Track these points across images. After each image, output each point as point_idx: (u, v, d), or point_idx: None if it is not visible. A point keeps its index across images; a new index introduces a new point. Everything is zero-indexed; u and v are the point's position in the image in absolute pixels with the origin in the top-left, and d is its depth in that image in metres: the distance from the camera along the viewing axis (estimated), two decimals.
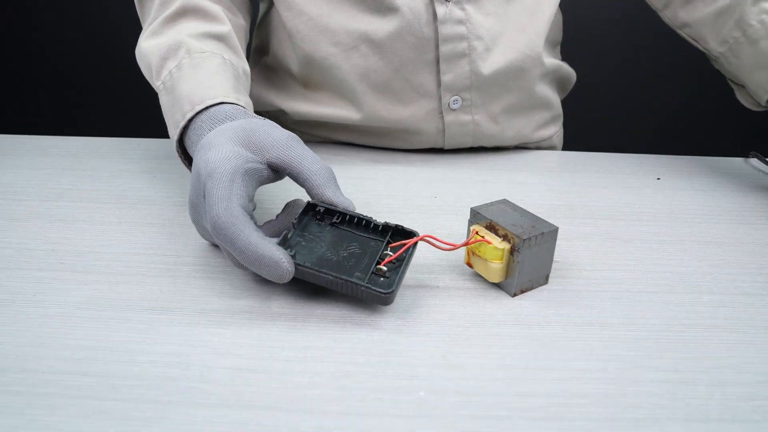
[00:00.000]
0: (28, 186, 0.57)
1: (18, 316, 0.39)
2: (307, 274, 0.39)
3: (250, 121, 0.45)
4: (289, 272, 0.38)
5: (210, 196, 0.39)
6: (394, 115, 0.64)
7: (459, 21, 0.60)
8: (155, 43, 0.54)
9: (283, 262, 0.37)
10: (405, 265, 0.40)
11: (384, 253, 0.41)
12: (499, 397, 0.33)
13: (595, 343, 0.37)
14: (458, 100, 0.63)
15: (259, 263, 0.37)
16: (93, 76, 1.70)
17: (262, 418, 0.31)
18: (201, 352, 0.36)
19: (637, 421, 0.32)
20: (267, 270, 0.38)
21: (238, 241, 0.38)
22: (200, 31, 0.54)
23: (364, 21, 0.60)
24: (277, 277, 0.38)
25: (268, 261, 0.37)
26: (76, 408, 0.32)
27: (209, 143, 0.43)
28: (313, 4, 0.61)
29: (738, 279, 0.44)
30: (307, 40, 0.62)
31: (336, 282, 0.38)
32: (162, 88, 0.52)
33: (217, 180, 0.39)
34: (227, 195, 0.39)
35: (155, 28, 0.55)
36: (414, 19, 0.59)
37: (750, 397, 0.33)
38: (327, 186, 0.43)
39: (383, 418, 0.32)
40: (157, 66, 0.53)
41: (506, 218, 0.41)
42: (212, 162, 0.40)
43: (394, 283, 0.39)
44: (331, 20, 0.61)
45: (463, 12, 0.60)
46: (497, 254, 0.40)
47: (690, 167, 0.65)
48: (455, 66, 0.61)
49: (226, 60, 0.53)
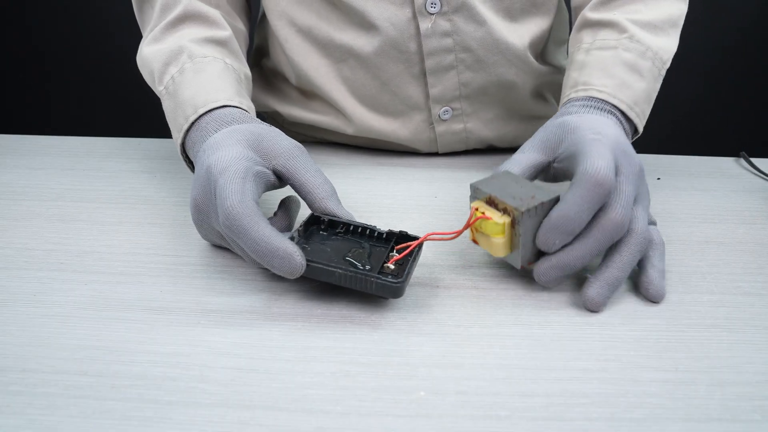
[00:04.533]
0: (28, 186, 0.57)
1: (18, 316, 0.39)
2: (316, 270, 0.38)
3: (258, 126, 0.45)
4: (302, 266, 0.38)
5: (223, 190, 0.39)
6: (385, 128, 0.64)
7: (445, 33, 0.58)
8: (157, 48, 0.54)
9: (297, 255, 0.37)
10: (413, 261, 0.40)
11: (390, 254, 0.41)
12: (499, 397, 0.33)
13: (595, 343, 0.37)
14: (449, 111, 0.63)
15: (272, 256, 0.37)
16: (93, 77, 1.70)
17: (262, 418, 0.31)
18: (201, 352, 0.36)
19: (637, 421, 0.32)
20: (279, 263, 0.37)
21: (252, 233, 0.38)
22: (201, 36, 0.54)
23: (350, 35, 0.60)
24: (289, 271, 0.38)
25: (282, 253, 0.37)
26: (76, 408, 0.32)
27: (217, 143, 0.43)
28: (303, 15, 0.61)
29: (738, 279, 0.44)
30: (295, 51, 0.62)
31: (345, 276, 0.38)
32: (164, 93, 0.52)
33: (230, 176, 0.40)
34: (241, 189, 0.39)
35: (156, 34, 0.56)
36: (398, 35, 0.58)
37: (750, 397, 0.33)
38: (329, 199, 0.43)
39: (383, 418, 0.32)
40: (160, 71, 0.53)
41: (506, 191, 0.41)
42: (224, 160, 0.41)
43: (404, 274, 0.39)
44: (321, 32, 0.61)
45: (449, 23, 0.58)
46: (498, 229, 0.39)
47: (690, 167, 0.65)
48: (443, 78, 0.61)
49: (228, 65, 0.53)
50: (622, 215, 0.39)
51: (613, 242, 0.41)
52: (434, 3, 0.57)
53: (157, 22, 0.57)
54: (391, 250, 0.42)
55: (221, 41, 0.55)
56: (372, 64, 0.60)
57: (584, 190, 0.39)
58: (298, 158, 0.44)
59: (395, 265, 0.40)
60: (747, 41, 1.54)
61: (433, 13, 0.57)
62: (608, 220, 0.39)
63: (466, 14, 0.58)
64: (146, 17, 0.59)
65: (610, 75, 0.51)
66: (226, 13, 0.60)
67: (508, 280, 0.44)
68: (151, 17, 0.58)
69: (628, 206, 0.40)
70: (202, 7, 0.56)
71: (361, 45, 0.60)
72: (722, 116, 1.68)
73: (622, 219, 0.39)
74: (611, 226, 0.39)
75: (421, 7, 0.57)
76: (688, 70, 1.62)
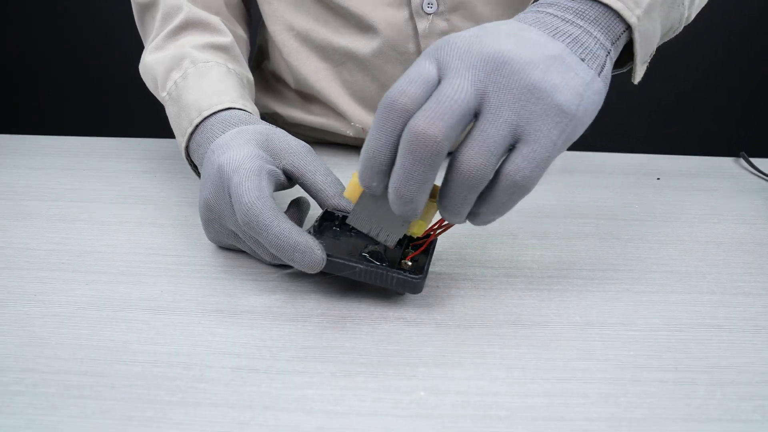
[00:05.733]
0: (29, 186, 0.57)
1: (19, 315, 0.39)
2: (337, 265, 0.39)
3: (265, 127, 0.46)
4: (323, 259, 0.37)
5: (239, 187, 0.39)
6: None
7: (443, 33, 0.58)
8: (159, 56, 0.54)
9: (318, 249, 0.37)
10: (429, 258, 0.41)
11: (406, 251, 0.42)
12: (499, 397, 0.33)
13: (595, 343, 0.37)
14: None
15: (293, 250, 0.37)
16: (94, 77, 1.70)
17: (262, 418, 0.31)
18: (201, 352, 0.36)
19: (636, 421, 0.32)
20: (300, 257, 0.37)
21: (273, 228, 0.37)
22: (203, 42, 0.55)
23: (349, 38, 0.60)
24: (309, 265, 0.37)
25: (303, 247, 0.37)
26: (77, 408, 0.32)
27: (227, 143, 0.43)
28: (300, 19, 0.61)
29: (738, 279, 0.44)
30: (294, 56, 0.62)
31: (366, 271, 0.38)
32: (168, 99, 0.52)
33: (245, 173, 0.39)
34: (258, 186, 0.39)
35: (159, 43, 0.56)
36: (395, 36, 0.58)
37: (750, 397, 0.33)
38: (340, 198, 0.43)
39: (383, 418, 0.32)
40: (162, 78, 0.53)
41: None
42: (237, 158, 0.41)
43: (423, 270, 0.39)
44: (319, 36, 0.61)
45: (446, 23, 0.58)
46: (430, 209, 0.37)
47: (690, 167, 0.65)
48: None
49: (230, 69, 0.54)
50: (430, 128, 0.31)
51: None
52: (431, 3, 0.57)
53: (158, 32, 0.57)
54: (407, 246, 0.42)
55: (223, 47, 0.56)
56: (371, 66, 0.60)
57: (377, 115, 0.33)
58: (306, 157, 0.44)
59: (412, 262, 0.41)
60: (747, 41, 1.54)
61: (430, 13, 0.57)
62: (413, 133, 0.31)
63: (463, 13, 0.58)
64: (148, 28, 0.60)
65: None
66: (226, 19, 0.60)
67: (508, 280, 0.44)
68: (152, 27, 0.58)
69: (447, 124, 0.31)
70: (203, 15, 0.57)
71: (359, 47, 0.60)
72: (722, 116, 1.68)
73: (432, 133, 0.31)
74: (411, 137, 0.31)
75: (417, 8, 0.57)
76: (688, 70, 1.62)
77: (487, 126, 0.32)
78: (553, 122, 0.33)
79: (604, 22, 0.37)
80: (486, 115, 0.32)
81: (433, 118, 0.31)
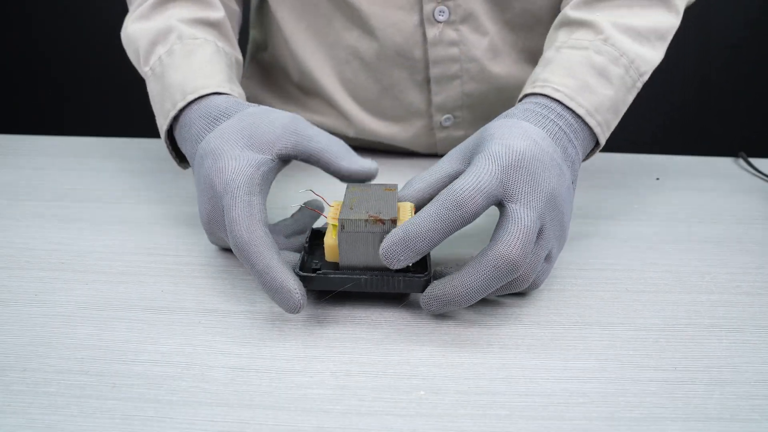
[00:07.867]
0: (29, 186, 0.57)
1: (19, 315, 0.39)
2: (337, 280, 0.38)
3: (247, 115, 0.43)
4: (301, 305, 0.36)
5: (229, 214, 0.38)
6: (386, 131, 0.64)
7: (452, 42, 0.58)
8: (144, 26, 0.52)
9: (297, 293, 0.36)
10: (429, 257, 0.40)
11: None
12: (499, 397, 0.33)
13: (595, 343, 0.37)
14: (450, 118, 0.63)
15: (274, 291, 0.37)
16: (94, 77, 1.70)
17: (262, 418, 0.31)
18: (201, 352, 0.36)
19: (636, 421, 0.32)
20: (279, 298, 0.36)
21: (258, 264, 0.37)
22: (193, 16, 0.52)
23: (356, 37, 0.59)
24: (287, 308, 0.37)
25: (283, 290, 0.36)
26: (77, 407, 0.32)
27: (213, 151, 0.41)
28: (310, 12, 0.60)
29: (738, 279, 0.45)
30: (300, 46, 0.61)
31: (371, 281, 0.38)
32: (150, 74, 0.50)
33: (234, 197, 0.39)
34: (248, 213, 0.38)
35: (144, 11, 0.53)
36: (403, 41, 0.58)
37: (749, 397, 0.33)
38: (342, 158, 0.42)
39: (383, 417, 0.32)
40: (146, 51, 0.51)
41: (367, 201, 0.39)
42: (226, 173, 0.40)
43: (427, 268, 0.39)
44: (327, 31, 0.60)
45: (456, 33, 0.58)
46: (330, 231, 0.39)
47: (689, 167, 0.65)
48: (447, 87, 0.61)
49: (219, 48, 0.51)
50: (516, 250, 0.36)
51: (505, 283, 0.37)
52: (442, 11, 0.56)
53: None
54: None
55: (213, 23, 0.53)
56: (374, 69, 0.60)
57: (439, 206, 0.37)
58: (298, 132, 0.42)
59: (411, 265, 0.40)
60: (747, 41, 1.54)
61: (440, 22, 0.57)
62: (497, 253, 0.36)
63: (471, 25, 0.58)
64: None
65: (573, 75, 0.45)
66: None
67: None
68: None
69: (525, 240, 0.36)
70: None
71: (365, 48, 0.59)
72: (721, 116, 1.68)
73: (516, 255, 0.36)
74: (498, 261, 0.36)
75: (429, 15, 0.57)
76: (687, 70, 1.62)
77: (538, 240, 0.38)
78: (561, 247, 0.42)
79: (587, 143, 0.46)
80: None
81: (522, 248, 0.36)
